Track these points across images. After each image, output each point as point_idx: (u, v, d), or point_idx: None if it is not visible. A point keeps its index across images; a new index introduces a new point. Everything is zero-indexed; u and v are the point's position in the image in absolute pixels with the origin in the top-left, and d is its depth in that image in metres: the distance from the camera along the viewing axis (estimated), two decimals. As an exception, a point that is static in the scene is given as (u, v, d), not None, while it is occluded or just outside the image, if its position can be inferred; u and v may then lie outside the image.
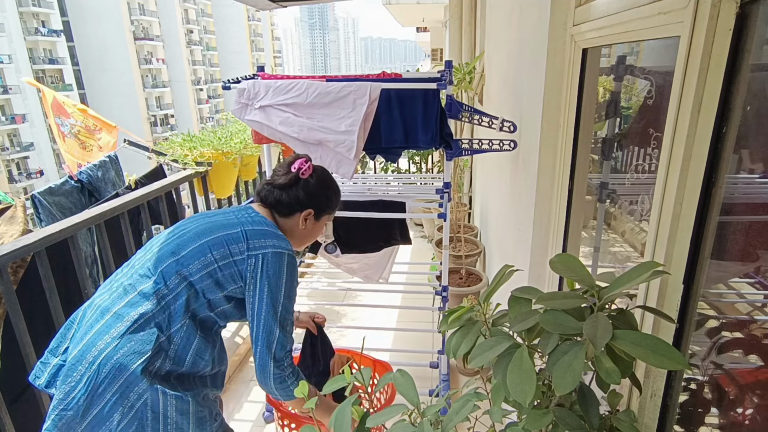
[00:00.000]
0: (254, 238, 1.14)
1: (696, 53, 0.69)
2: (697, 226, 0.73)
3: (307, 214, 1.26)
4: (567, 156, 1.30)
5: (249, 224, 1.16)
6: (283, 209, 1.25)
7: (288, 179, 1.24)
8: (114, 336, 1.04)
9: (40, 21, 30.64)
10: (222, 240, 1.12)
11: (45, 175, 29.30)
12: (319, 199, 1.27)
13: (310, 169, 1.26)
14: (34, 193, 2.13)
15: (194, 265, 1.10)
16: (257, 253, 1.12)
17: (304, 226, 1.28)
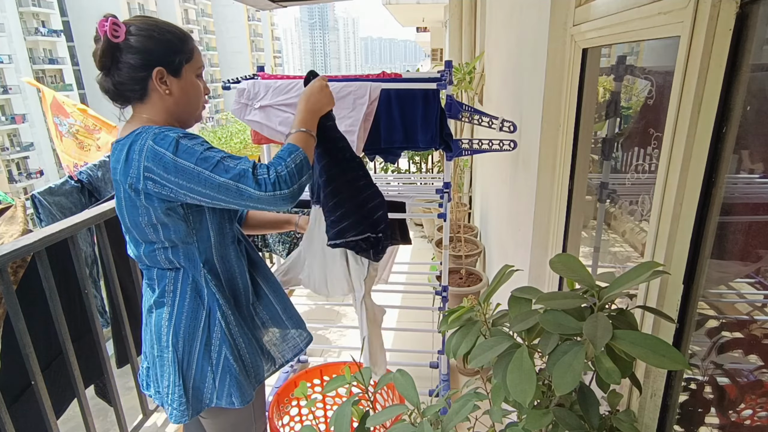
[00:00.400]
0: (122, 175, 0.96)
1: (696, 53, 0.69)
2: (697, 226, 0.73)
3: (158, 75, 0.99)
4: (567, 156, 1.30)
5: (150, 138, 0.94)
6: (132, 91, 1.01)
7: (103, 53, 0.97)
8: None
9: (40, 21, 30.65)
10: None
11: (45, 175, 29.32)
12: (158, 52, 0.99)
13: (121, 26, 0.97)
14: (34, 193, 2.13)
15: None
16: (132, 177, 0.94)
17: (168, 90, 1.02)
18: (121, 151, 0.97)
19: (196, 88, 1.08)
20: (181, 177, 0.93)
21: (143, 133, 0.95)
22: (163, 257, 1.06)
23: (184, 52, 1.04)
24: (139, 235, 1.04)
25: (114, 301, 1.72)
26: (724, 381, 0.77)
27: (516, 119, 1.69)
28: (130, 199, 0.99)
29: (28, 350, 1.30)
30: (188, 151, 0.93)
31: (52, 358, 1.52)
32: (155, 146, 0.93)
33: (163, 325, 1.08)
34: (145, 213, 0.99)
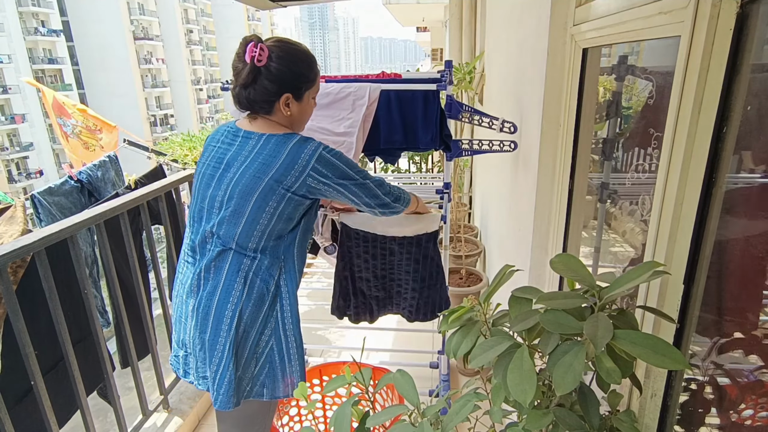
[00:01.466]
0: (285, 174, 1.11)
1: (696, 53, 0.68)
2: (698, 226, 0.73)
3: (285, 100, 1.16)
4: (567, 156, 1.30)
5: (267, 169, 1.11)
6: (261, 107, 1.17)
7: (247, 74, 1.12)
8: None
9: (40, 21, 30.62)
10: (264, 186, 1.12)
11: (44, 175, 29.29)
12: (290, 80, 1.15)
13: (265, 51, 1.10)
14: (34, 193, 2.13)
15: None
16: (305, 176, 1.12)
17: (289, 112, 1.18)
18: (279, 147, 1.13)
19: (310, 108, 1.27)
20: (344, 181, 1.16)
21: (308, 142, 1.14)
22: (255, 243, 1.14)
23: (309, 80, 1.20)
24: (252, 217, 1.12)
25: (115, 302, 1.72)
26: (724, 381, 0.77)
27: (516, 119, 1.68)
28: (271, 187, 1.11)
29: (28, 350, 1.30)
30: (350, 164, 1.18)
31: (58, 360, 1.51)
32: (328, 155, 1.14)
33: (227, 308, 1.13)
34: (279, 202, 1.12)
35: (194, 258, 1.20)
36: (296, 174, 1.11)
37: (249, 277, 1.15)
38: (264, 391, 1.18)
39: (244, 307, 1.13)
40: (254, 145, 1.15)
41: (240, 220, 1.13)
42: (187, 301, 1.19)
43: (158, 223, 2.11)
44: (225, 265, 1.15)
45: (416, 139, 1.75)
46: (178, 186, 2.17)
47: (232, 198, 1.13)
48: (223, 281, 1.14)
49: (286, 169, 1.11)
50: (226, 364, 1.12)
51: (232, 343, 1.12)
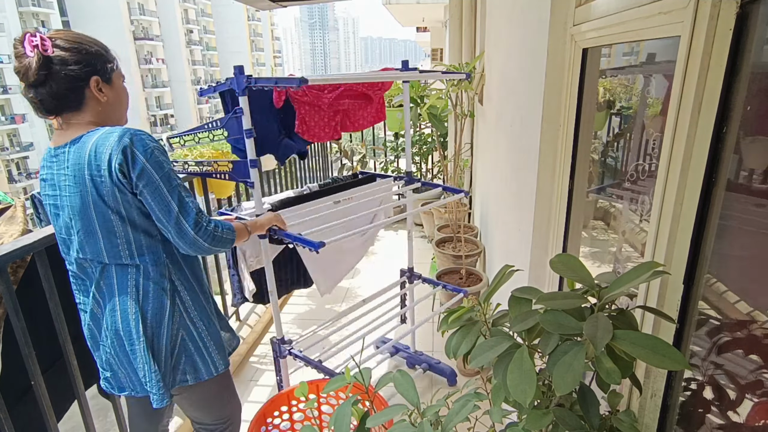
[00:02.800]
0: (99, 183, 1.02)
1: (696, 53, 0.69)
2: (698, 226, 0.73)
3: (96, 84, 1.08)
4: (567, 156, 1.30)
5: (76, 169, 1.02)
6: (69, 102, 1.06)
7: (37, 68, 1.01)
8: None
9: (40, 21, 30.62)
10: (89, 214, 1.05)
11: (45, 175, 29.25)
12: (90, 61, 1.07)
13: (47, 40, 1.02)
14: (34, 193, 2.13)
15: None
16: (108, 169, 1.01)
17: (105, 96, 1.10)
18: (83, 146, 1.03)
19: (125, 93, 1.20)
20: (141, 180, 1.03)
21: (114, 130, 1.03)
22: (126, 251, 1.10)
23: (111, 61, 1.13)
24: (103, 227, 1.07)
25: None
26: (724, 381, 0.77)
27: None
28: (97, 194, 1.03)
29: (28, 350, 1.30)
30: (158, 164, 1.05)
31: (56, 359, 1.51)
32: (132, 146, 1.02)
33: (130, 319, 1.13)
34: (117, 209, 1.05)
35: (84, 285, 1.19)
36: (106, 176, 1.01)
37: (140, 284, 1.13)
38: (188, 377, 1.22)
39: (144, 312, 1.13)
40: (65, 158, 1.05)
41: (96, 238, 1.08)
42: (96, 326, 1.20)
43: (158, 223, 2.10)
44: (113, 281, 1.13)
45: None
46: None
47: (76, 221, 1.08)
48: (117, 297, 1.13)
49: (96, 168, 1.01)
50: (149, 367, 1.15)
51: (146, 347, 1.14)
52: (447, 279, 2.74)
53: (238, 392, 1.43)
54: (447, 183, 3.29)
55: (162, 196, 1.05)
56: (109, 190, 1.03)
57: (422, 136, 4.46)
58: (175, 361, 1.21)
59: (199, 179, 2.36)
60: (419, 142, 4.47)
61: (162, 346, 1.17)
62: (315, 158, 4.33)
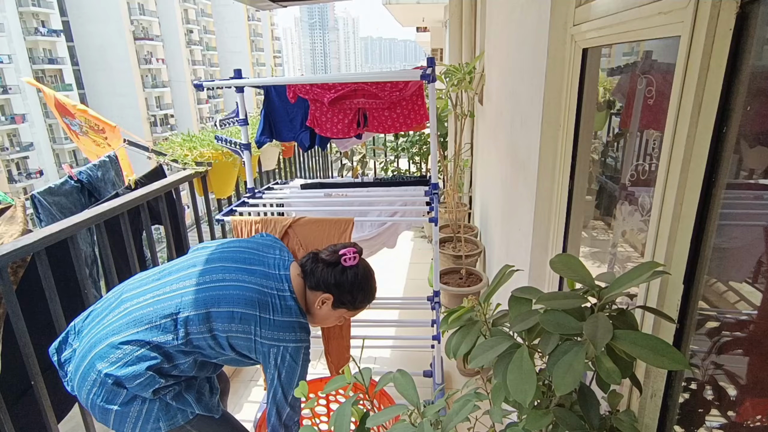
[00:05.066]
0: (280, 330, 1.18)
1: (696, 53, 0.68)
2: (698, 226, 0.73)
3: (325, 298, 1.27)
4: (567, 156, 1.30)
5: (279, 308, 1.20)
6: (311, 281, 1.28)
7: (330, 259, 1.27)
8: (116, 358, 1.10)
9: (40, 21, 30.61)
10: (251, 317, 1.16)
11: (45, 175, 29.29)
12: (343, 291, 1.28)
13: (355, 260, 1.28)
14: (34, 193, 2.13)
15: (219, 323, 1.15)
16: (280, 345, 1.18)
17: (320, 307, 1.29)
18: (281, 299, 1.21)
19: (334, 320, 1.37)
20: (276, 361, 1.19)
21: (297, 328, 1.21)
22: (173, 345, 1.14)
23: (354, 306, 1.33)
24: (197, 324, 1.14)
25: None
26: (724, 381, 0.77)
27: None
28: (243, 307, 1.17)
29: (28, 350, 1.30)
30: (296, 367, 1.21)
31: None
32: (290, 346, 1.19)
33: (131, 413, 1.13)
34: (227, 325, 1.16)
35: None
36: (251, 319, 1.16)
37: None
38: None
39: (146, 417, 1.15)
40: (278, 270, 1.28)
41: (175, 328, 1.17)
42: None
43: (158, 223, 2.11)
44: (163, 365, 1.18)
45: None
46: (178, 186, 2.17)
47: (195, 303, 1.18)
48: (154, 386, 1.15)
49: (256, 300, 1.18)
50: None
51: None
52: (447, 279, 2.74)
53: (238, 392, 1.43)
54: (447, 183, 3.29)
55: (282, 385, 1.21)
56: (240, 322, 1.17)
57: (422, 136, 4.46)
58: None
59: (198, 179, 2.36)
60: (419, 142, 4.47)
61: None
62: (315, 158, 4.33)
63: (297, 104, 2.08)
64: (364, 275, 1.31)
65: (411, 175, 4.57)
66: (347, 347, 1.89)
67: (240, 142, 2.10)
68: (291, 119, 2.14)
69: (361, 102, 1.96)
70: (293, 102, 2.05)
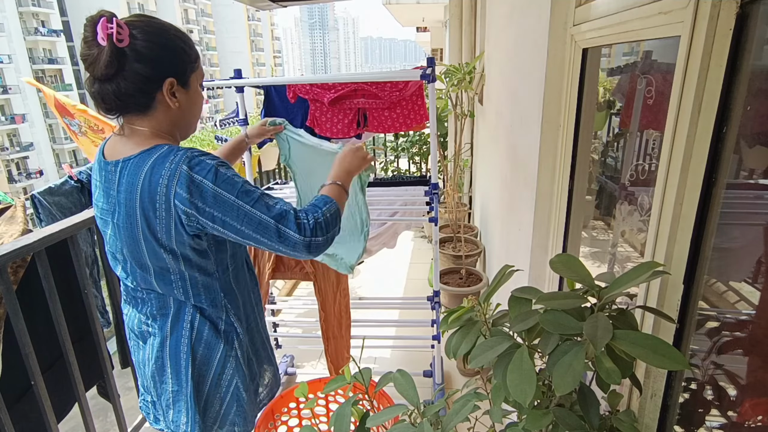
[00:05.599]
0: (151, 217, 0.87)
1: (696, 53, 0.68)
2: (698, 226, 0.73)
3: (170, 87, 0.91)
4: (567, 156, 1.30)
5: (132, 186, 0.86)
6: (136, 104, 0.90)
7: (108, 60, 0.83)
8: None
9: (40, 21, 30.62)
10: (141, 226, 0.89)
11: (45, 175, 29.30)
12: (169, 60, 0.91)
13: (124, 27, 0.84)
14: (34, 193, 2.13)
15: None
16: (173, 212, 0.86)
17: (177, 102, 0.93)
18: (137, 171, 0.87)
19: (200, 98, 1.00)
20: (218, 209, 0.86)
21: (170, 155, 0.86)
22: (180, 288, 0.97)
23: (192, 61, 0.96)
24: (155, 263, 0.93)
25: (115, 302, 1.72)
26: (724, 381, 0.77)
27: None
28: (149, 230, 0.89)
29: (27, 350, 1.30)
30: (228, 182, 0.87)
31: (56, 359, 1.51)
32: (191, 173, 0.85)
33: (181, 358, 1.01)
34: (169, 247, 0.90)
35: (135, 301, 1.05)
36: (162, 207, 0.86)
37: (195, 322, 1.00)
38: (235, 429, 1.09)
39: (195, 352, 1.01)
40: (114, 179, 0.91)
41: (148, 271, 0.95)
42: (142, 347, 1.07)
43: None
44: (168, 312, 1.00)
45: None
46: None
47: (124, 249, 0.94)
48: (169, 330, 1.01)
49: (149, 203, 0.86)
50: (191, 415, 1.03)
51: (193, 392, 1.02)
52: (447, 279, 2.74)
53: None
54: (447, 183, 3.29)
55: (248, 214, 0.87)
56: (163, 227, 0.88)
57: (422, 136, 4.46)
58: (226, 409, 1.06)
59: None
60: (419, 142, 4.47)
61: (206, 391, 1.04)
62: (315, 158, 4.32)
63: (297, 104, 2.08)
64: (152, 25, 0.91)
65: (411, 175, 4.57)
66: (347, 347, 1.89)
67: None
68: (291, 119, 2.14)
69: (361, 102, 1.97)
70: (293, 102, 2.05)
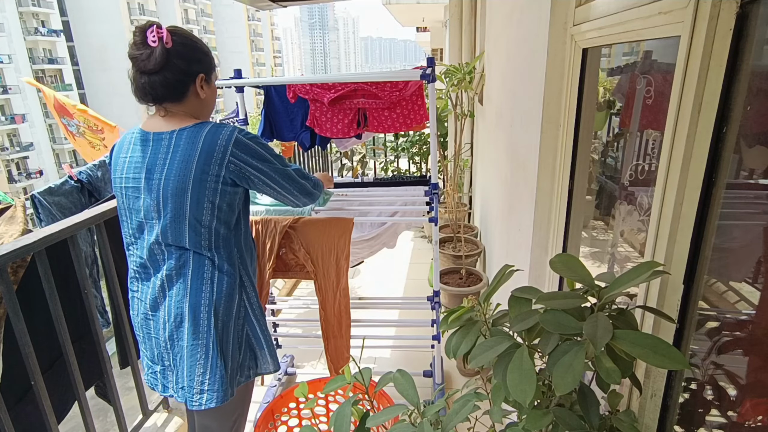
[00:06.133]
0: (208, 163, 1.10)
1: (696, 53, 0.68)
2: (698, 226, 0.73)
3: (201, 81, 1.17)
4: (567, 156, 1.30)
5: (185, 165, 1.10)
6: (174, 93, 1.14)
7: (159, 58, 1.09)
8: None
9: (40, 21, 30.62)
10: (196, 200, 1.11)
11: (44, 175, 29.29)
12: (199, 60, 1.16)
13: (168, 33, 1.09)
14: (34, 193, 2.13)
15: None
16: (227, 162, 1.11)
17: (204, 93, 1.19)
18: (197, 134, 1.11)
19: (216, 94, 1.27)
20: (262, 163, 1.15)
21: (224, 126, 1.13)
22: (207, 241, 1.14)
23: (213, 63, 1.22)
24: (193, 213, 1.11)
25: (114, 302, 1.72)
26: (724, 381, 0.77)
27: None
28: (200, 180, 1.10)
29: (27, 350, 1.30)
30: (267, 148, 1.18)
31: (55, 358, 1.51)
32: (244, 138, 1.12)
33: (202, 311, 1.14)
34: (213, 194, 1.11)
35: (148, 273, 1.20)
36: (218, 160, 1.10)
37: (214, 276, 1.16)
38: (250, 372, 1.25)
39: (217, 305, 1.15)
40: (168, 144, 1.12)
41: (183, 222, 1.12)
42: (154, 316, 1.19)
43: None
44: (188, 271, 1.15)
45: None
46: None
47: (167, 203, 1.11)
48: (189, 286, 1.14)
49: (207, 157, 1.10)
50: (213, 363, 1.14)
51: (215, 342, 1.14)
52: (447, 279, 2.74)
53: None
54: (447, 183, 3.29)
55: (281, 171, 1.19)
56: (213, 179, 1.10)
57: (422, 136, 4.46)
58: (243, 356, 1.23)
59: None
60: (419, 142, 4.47)
61: (231, 342, 1.18)
62: (315, 158, 4.33)
63: (297, 104, 2.08)
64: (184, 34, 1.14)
65: (411, 175, 4.57)
66: (347, 347, 1.89)
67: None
68: (291, 119, 2.14)
69: (361, 102, 1.97)
70: (293, 102, 2.05)
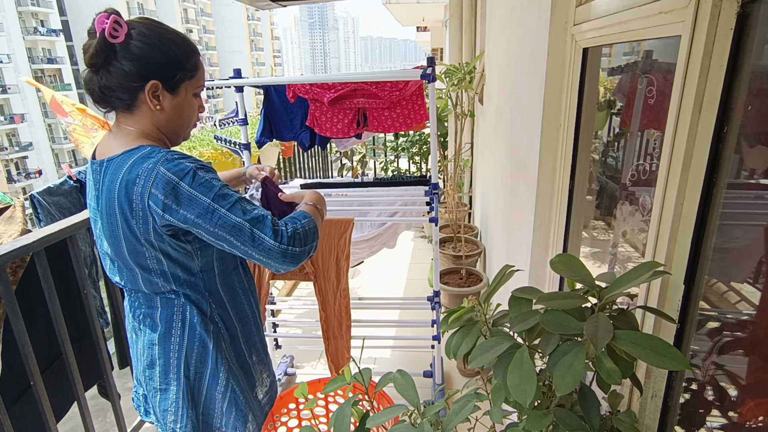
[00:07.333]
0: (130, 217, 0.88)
1: (697, 53, 0.68)
2: (698, 226, 0.73)
3: (152, 89, 0.91)
4: (567, 156, 1.30)
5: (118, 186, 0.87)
6: (119, 99, 0.91)
7: (96, 51, 0.87)
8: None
9: (39, 20, 30.61)
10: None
11: (44, 174, 29.28)
12: (157, 63, 0.90)
13: (123, 26, 0.88)
14: (33, 193, 2.13)
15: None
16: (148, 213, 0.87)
17: (159, 106, 0.92)
18: (117, 171, 0.88)
19: (191, 108, 1.00)
20: (192, 211, 0.86)
21: (150, 156, 0.87)
22: (164, 287, 0.98)
23: (186, 69, 0.95)
24: (135, 262, 0.94)
25: (114, 302, 1.72)
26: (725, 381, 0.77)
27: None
28: (131, 236, 0.90)
29: (27, 351, 1.30)
30: (205, 185, 0.87)
31: (54, 359, 1.51)
32: (168, 174, 0.85)
33: (171, 357, 1.01)
34: (151, 248, 0.91)
35: (128, 299, 1.07)
36: (140, 219, 0.87)
37: (185, 321, 1.00)
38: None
39: (188, 351, 1.01)
40: (96, 179, 0.93)
41: (134, 271, 0.96)
42: (136, 340, 1.08)
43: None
44: (156, 313, 1.01)
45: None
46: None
47: (111, 249, 0.96)
48: (159, 330, 1.01)
49: (128, 212, 0.87)
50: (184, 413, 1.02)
51: (185, 391, 1.02)
52: (447, 279, 2.74)
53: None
54: (447, 183, 3.29)
55: (223, 217, 0.87)
56: (140, 226, 0.89)
57: (422, 136, 4.46)
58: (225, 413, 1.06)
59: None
60: (419, 142, 4.47)
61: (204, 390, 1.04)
62: (315, 158, 4.33)
63: (297, 104, 2.08)
64: (154, 29, 0.92)
65: (411, 175, 4.57)
66: (347, 347, 1.89)
67: (240, 142, 2.12)
68: (291, 119, 2.14)
69: (361, 102, 1.96)
70: (293, 102, 2.05)
